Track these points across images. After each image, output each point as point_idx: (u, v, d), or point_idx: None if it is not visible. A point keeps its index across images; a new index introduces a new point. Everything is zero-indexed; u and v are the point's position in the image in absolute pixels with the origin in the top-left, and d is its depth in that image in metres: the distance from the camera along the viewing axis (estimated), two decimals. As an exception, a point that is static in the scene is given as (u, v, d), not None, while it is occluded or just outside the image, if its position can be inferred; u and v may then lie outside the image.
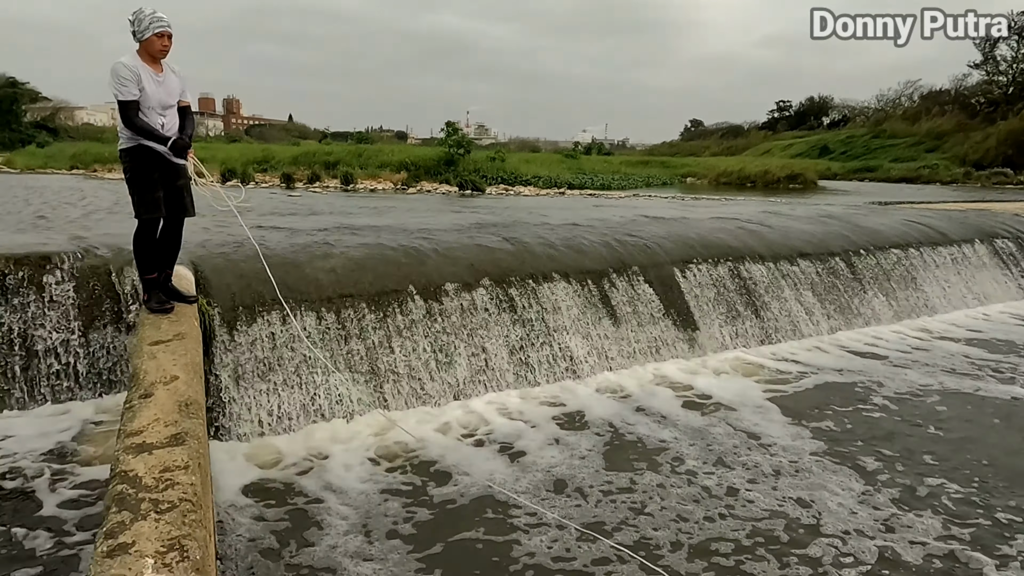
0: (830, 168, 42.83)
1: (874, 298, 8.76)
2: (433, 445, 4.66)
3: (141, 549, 2.06)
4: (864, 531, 3.72)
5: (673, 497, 4.06)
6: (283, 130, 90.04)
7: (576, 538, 3.55)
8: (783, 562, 3.42)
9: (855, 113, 67.68)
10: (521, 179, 27.73)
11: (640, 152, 73.36)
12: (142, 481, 2.41)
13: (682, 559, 3.42)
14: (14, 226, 7.63)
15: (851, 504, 4.01)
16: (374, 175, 25.58)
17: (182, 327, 4.06)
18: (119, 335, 5.09)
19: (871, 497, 4.11)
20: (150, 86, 3.97)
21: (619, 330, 6.63)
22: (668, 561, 3.39)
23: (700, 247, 8.04)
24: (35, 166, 29.65)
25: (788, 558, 3.46)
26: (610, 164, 38.27)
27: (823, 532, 3.71)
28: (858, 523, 3.81)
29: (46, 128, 54.23)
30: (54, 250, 5.26)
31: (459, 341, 5.76)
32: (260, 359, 4.88)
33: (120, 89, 3.86)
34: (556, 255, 6.98)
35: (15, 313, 4.83)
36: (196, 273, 5.23)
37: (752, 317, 7.59)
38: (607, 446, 4.78)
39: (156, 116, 4.02)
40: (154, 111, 4.01)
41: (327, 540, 3.46)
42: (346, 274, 5.71)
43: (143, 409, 2.95)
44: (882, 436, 5.09)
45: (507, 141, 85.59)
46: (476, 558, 3.40)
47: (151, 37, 3.90)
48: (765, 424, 5.25)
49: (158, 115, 4.03)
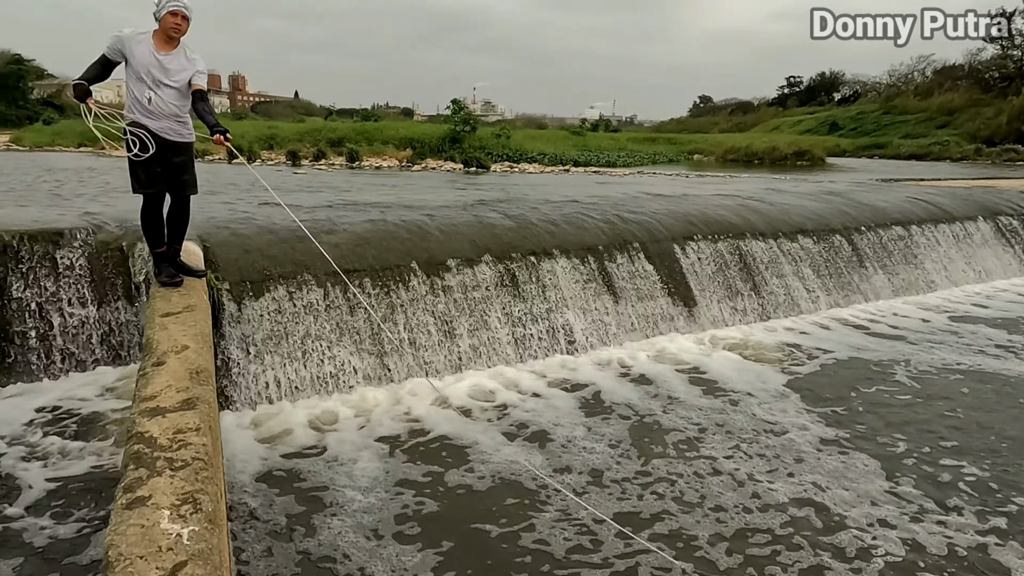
0: (839, 145, 42.41)
1: (874, 274, 8.84)
2: (435, 416, 4.82)
3: (158, 502, 2.21)
4: (872, 509, 3.87)
5: (663, 468, 4.21)
6: (289, 107, 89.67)
7: (571, 507, 3.72)
8: (790, 544, 3.58)
9: (866, 89, 66.73)
10: (526, 156, 27.67)
11: (648, 129, 72.75)
12: (157, 441, 2.56)
13: (665, 532, 3.58)
14: (28, 202, 7.78)
15: (854, 482, 4.16)
16: (379, 152, 25.58)
17: (192, 300, 4.21)
18: (130, 308, 5.26)
19: (880, 476, 4.25)
20: (144, 59, 4.08)
21: (619, 305, 6.75)
22: (655, 535, 3.55)
23: (701, 224, 8.12)
24: (43, 143, 29.76)
25: (790, 540, 3.61)
26: (616, 141, 38.05)
27: (829, 514, 3.86)
28: (865, 502, 3.95)
29: (52, 105, 54.24)
30: (67, 226, 5.41)
31: (461, 315, 5.90)
32: (267, 331, 5.03)
33: (105, 48, 4.09)
34: (557, 231, 7.08)
35: (30, 287, 5.00)
36: (204, 248, 5.37)
37: (751, 293, 7.69)
38: (603, 416, 4.93)
39: (144, 87, 4.12)
40: (143, 83, 4.11)
41: (328, 501, 3.64)
42: (350, 249, 5.84)
43: (156, 376, 3.10)
44: (875, 407, 5.22)
45: (514, 118, 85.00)
46: (466, 512, 3.57)
47: (165, 15, 4.06)
48: (761, 398, 5.39)
49: (147, 88, 4.12)
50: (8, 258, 4.98)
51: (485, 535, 3.43)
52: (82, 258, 5.23)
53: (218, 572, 2.01)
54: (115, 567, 1.92)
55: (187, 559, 1.96)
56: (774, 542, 3.42)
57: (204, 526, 2.13)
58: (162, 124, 4.19)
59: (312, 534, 3.35)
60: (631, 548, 3.32)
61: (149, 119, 4.14)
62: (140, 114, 4.13)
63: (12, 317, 4.90)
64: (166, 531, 2.07)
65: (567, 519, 3.58)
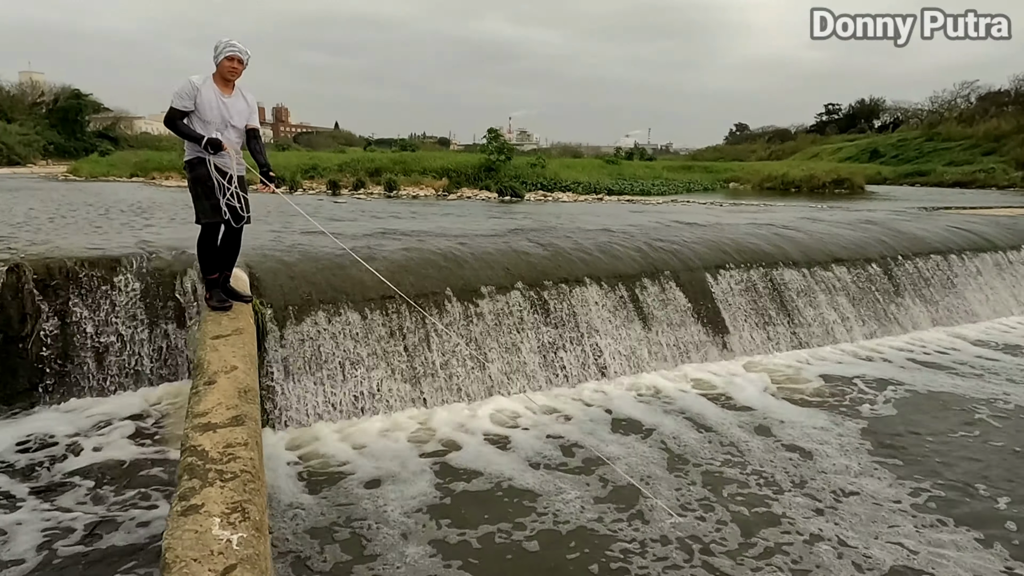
0: (880, 172, 41.75)
1: (912, 305, 8.71)
2: (466, 439, 4.94)
3: (209, 510, 2.38)
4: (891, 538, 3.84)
5: (698, 503, 4.24)
6: (330, 137, 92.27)
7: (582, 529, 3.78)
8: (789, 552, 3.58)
9: (908, 116, 65.73)
10: (561, 185, 27.93)
11: (684, 157, 72.69)
12: (208, 455, 2.74)
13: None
14: (87, 229, 8.24)
15: (888, 511, 4.13)
16: (416, 182, 26.14)
17: (240, 323, 4.45)
18: (180, 331, 5.54)
19: (910, 505, 4.22)
20: (212, 102, 4.39)
21: (650, 333, 6.81)
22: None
23: (733, 252, 8.15)
24: (98, 174, 31.18)
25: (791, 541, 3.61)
26: (652, 169, 38.11)
27: (849, 533, 3.85)
28: (893, 530, 3.93)
29: (107, 137, 56.87)
30: (123, 253, 5.76)
31: (494, 341, 6.04)
32: (307, 354, 5.24)
33: (175, 99, 4.37)
34: (589, 259, 7.21)
35: (89, 310, 5.32)
36: (251, 275, 5.64)
37: (785, 322, 7.66)
38: (633, 441, 4.98)
39: (212, 130, 4.40)
40: (212, 125, 4.41)
41: (361, 516, 3.77)
42: (388, 276, 6.04)
43: (208, 394, 3.31)
44: (919, 439, 5.15)
45: (549, 147, 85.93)
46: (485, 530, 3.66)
47: (223, 60, 4.38)
48: (794, 428, 5.36)
49: (215, 130, 4.42)
50: (70, 283, 5.32)
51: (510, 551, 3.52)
52: (136, 283, 5.55)
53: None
54: (172, 568, 2.08)
55: (236, 563, 2.12)
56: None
57: (251, 533, 2.28)
58: (226, 161, 4.48)
59: (346, 547, 3.48)
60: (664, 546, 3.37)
61: (217, 157, 4.42)
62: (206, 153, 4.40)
63: (73, 338, 5.22)
64: (217, 537, 2.23)
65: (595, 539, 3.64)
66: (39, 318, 5.16)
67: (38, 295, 5.19)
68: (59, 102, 55.38)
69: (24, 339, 5.09)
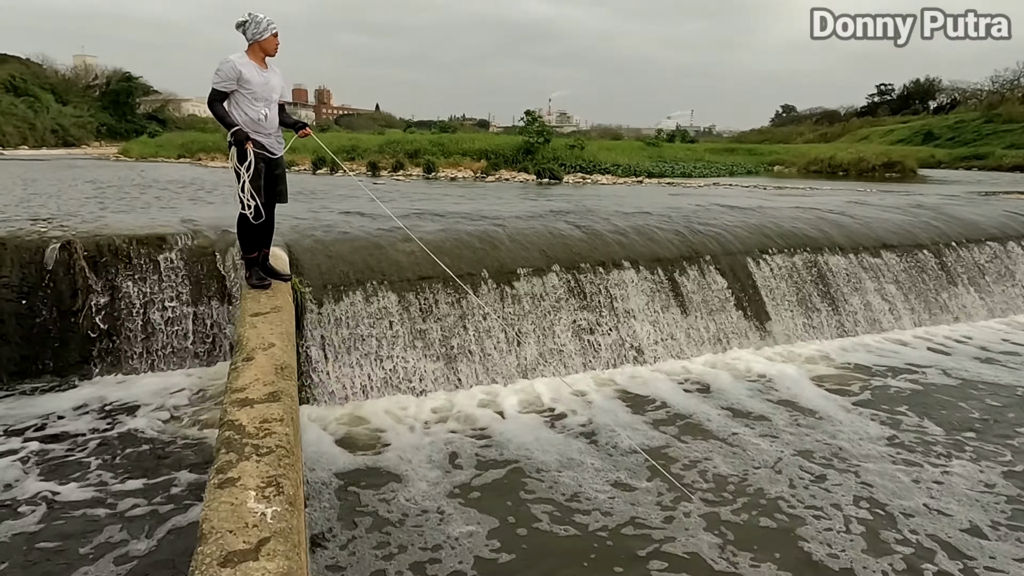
0: (934, 155, 40.03)
1: (965, 293, 8.37)
2: (501, 421, 4.95)
3: (245, 483, 2.42)
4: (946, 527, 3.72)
5: (730, 479, 4.17)
6: (370, 119, 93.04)
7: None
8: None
9: (966, 96, 62.76)
10: (599, 168, 27.59)
11: (727, 139, 71.08)
12: (245, 429, 2.79)
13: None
14: (136, 208, 8.47)
15: (928, 498, 4.00)
16: (455, 163, 26.14)
17: (278, 301, 4.52)
18: (221, 307, 5.67)
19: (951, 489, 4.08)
20: (256, 80, 4.37)
21: (688, 318, 6.70)
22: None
23: (776, 237, 7.94)
24: (147, 155, 32.08)
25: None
26: (693, 152, 37.33)
27: (896, 530, 3.74)
28: (936, 511, 3.80)
29: (156, 119, 58.46)
30: (169, 231, 5.90)
31: (529, 323, 6.02)
32: (344, 332, 5.31)
33: (217, 80, 4.33)
34: (627, 242, 7.10)
35: (137, 286, 5.47)
36: (290, 254, 5.72)
37: (829, 309, 7.44)
38: (668, 426, 4.91)
39: (261, 107, 4.43)
40: (260, 101, 4.42)
41: (393, 492, 3.81)
42: (425, 257, 6.06)
43: (246, 370, 3.36)
44: (959, 428, 4.97)
45: (589, 128, 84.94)
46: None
47: (268, 37, 4.36)
48: (833, 416, 5.22)
49: (263, 106, 4.44)
50: (119, 260, 5.47)
51: (543, 531, 3.52)
52: (181, 260, 5.68)
53: (296, 550, 2.18)
54: (207, 538, 2.13)
55: (270, 536, 2.15)
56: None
57: (285, 507, 2.32)
58: (271, 140, 4.53)
59: (380, 522, 3.53)
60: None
61: (263, 137, 4.45)
62: (255, 133, 4.42)
63: (121, 313, 5.38)
64: (252, 510, 2.27)
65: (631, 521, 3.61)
66: (90, 293, 5.33)
67: (88, 271, 5.36)
68: (111, 85, 57.05)
69: (76, 313, 5.28)
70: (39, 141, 44.22)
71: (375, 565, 3.21)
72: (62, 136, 46.89)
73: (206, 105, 4.62)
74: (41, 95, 49.51)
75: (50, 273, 5.25)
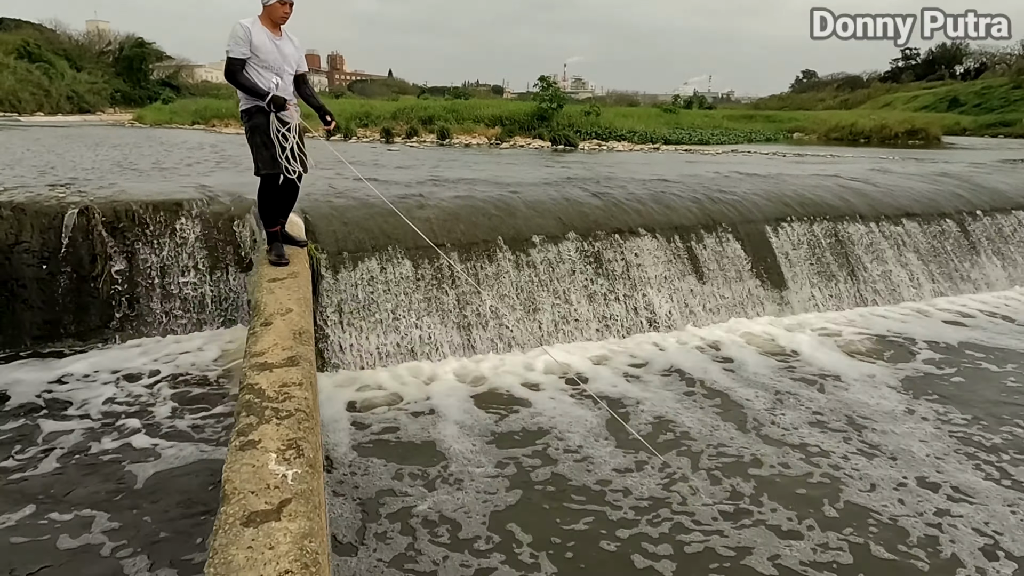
0: (959, 122, 39.20)
1: (988, 263, 8.22)
2: (517, 388, 4.97)
3: (266, 446, 2.46)
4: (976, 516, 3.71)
5: (749, 448, 4.17)
6: (383, 85, 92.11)
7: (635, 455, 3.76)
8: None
9: (994, 61, 60.94)
10: (615, 134, 27.23)
11: (745, 106, 69.69)
12: (265, 393, 2.82)
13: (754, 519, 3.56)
14: (152, 174, 8.49)
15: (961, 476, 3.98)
16: (469, 130, 25.93)
17: (295, 267, 4.53)
18: (238, 274, 5.69)
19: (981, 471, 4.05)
20: (267, 47, 4.26)
21: (705, 286, 6.64)
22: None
23: (796, 205, 7.81)
24: (162, 121, 32.10)
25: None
26: (711, 118, 36.71)
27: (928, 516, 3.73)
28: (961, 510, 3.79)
29: (170, 85, 58.28)
30: (185, 197, 5.90)
31: (545, 291, 6.00)
32: (360, 299, 5.32)
33: (231, 46, 4.19)
34: (643, 210, 7.02)
35: (154, 252, 5.51)
36: (306, 220, 5.72)
37: (848, 278, 7.35)
38: (686, 395, 4.91)
39: (272, 76, 4.32)
40: (270, 71, 4.31)
41: (410, 458, 3.85)
42: (440, 224, 6.04)
43: (264, 335, 3.39)
44: (980, 400, 4.92)
45: (605, 95, 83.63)
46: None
47: (274, 3, 4.20)
48: (853, 386, 5.19)
49: (274, 75, 4.33)
50: (136, 226, 5.50)
51: (566, 511, 3.55)
52: (197, 227, 5.70)
53: (316, 511, 2.21)
54: (230, 499, 2.16)
55: (291, 497, 2.18)
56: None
57: (306, 469, 2.34)
58: (288, 113, 4.38)
59: (397, 487, 3.58)
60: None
61: (279, 113, 4.33)
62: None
63: (139, 279, 5.43)
64: (273, 472, 2.30)
65: (647, 477, 3.64)
66: (108, 258, 5.38)
67: (107, 236, 5.40)
68: (124, 51, 56.81)
69: (95, 279, 5.33)
70: (54, 108, 44.33)
71: (392, 530, 3.26)
72: (77, 102, 46.96)
73: (224, 77, 4.44)
74: (55, 61, 49.44)
75: (69, 239, 5.29)
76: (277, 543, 1.96)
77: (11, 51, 46.17)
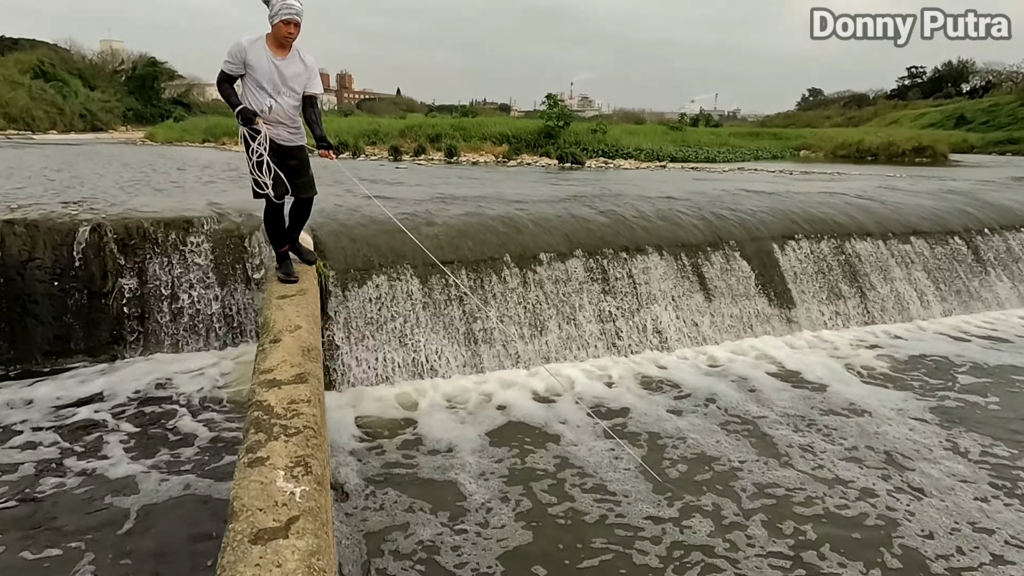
0: (966, 140, 39.07)
1: (998, 281, 8.18)
2: (522, 404, 4.97)
3: (274, 463, 2.46)
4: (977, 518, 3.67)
5: (761, 476, 4.14)
6: (392, 103, 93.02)
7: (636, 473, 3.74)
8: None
9: (1001, 79, 60.91)
10: (622, 152, 27.32)
11: (752, 124, 69.84)
12: (274, 410, 2.83)
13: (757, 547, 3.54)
14: (163, 191, 8.58)
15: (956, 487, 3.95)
16: (476, 148, 26.06)
17: (303, 284, 4.56)
18: (247, 291, 5.73)
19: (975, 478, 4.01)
20: (263, 67, 4.18)
21: (712, 304, 6.64)
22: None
23: (803, 222, 7.81)
24: (173, 138, 32.41)
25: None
26: (718, 136, 36.78)
27: (919, 520, 3.69)
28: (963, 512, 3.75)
29: (181, 103, 58.97)
30: (195, 215, 5.96)
31: (551, 308, 6.00)
32: (368, 316, 5.34)
33: (224, 60, 4.20)
34: (650, 227, 7.04)
35: (163, 270, 5.56)
36: (314, 237, 5.76)
37: (856, 296, 7.33)
38: (692, 413, 4.89)
39: (264, 96, 4.23)
40: (263, 90, 4.22)
41: (415, 475, 3.85)
42: (447, 241, 6.07)
43: (273, 352, 3.40)
44: (987, 419, 4.88)
45: (611, 112, 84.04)
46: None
47: (278, 23, 4.14)
48: (862, 404, 5.16)
49: (267, 95, 4.23)
50: (147, 243, 5.56)
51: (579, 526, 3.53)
52: (207, 244, 5.75)
53: (324, 528, 2.22)
54: (238, 516, 2.16)
55: (299, 514, 2.18)
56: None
57: (313, 487, 2.35)
58: (278, 131, 4.31)
59: (404, 503, 3.57)
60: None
61: (265, 126, 4.23)
62: None
63: (149, 296, 5.47)
64: (281, 489, 2.31)
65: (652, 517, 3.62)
66: (119, 275, 5.43)
67: (118, 253, 5.45)
68: (137, 70, 57.59)
69: (106, 295, 5.38)
70: (67, 126, 44.90)
71: (399, 545, 3.25)
72: (90, 120, 47.53)
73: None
74: (69, 80, 50.16)
75: (81, 255, 5.35)
76: (285, 560, 1.96)
77: (26, 70, 46.89)
